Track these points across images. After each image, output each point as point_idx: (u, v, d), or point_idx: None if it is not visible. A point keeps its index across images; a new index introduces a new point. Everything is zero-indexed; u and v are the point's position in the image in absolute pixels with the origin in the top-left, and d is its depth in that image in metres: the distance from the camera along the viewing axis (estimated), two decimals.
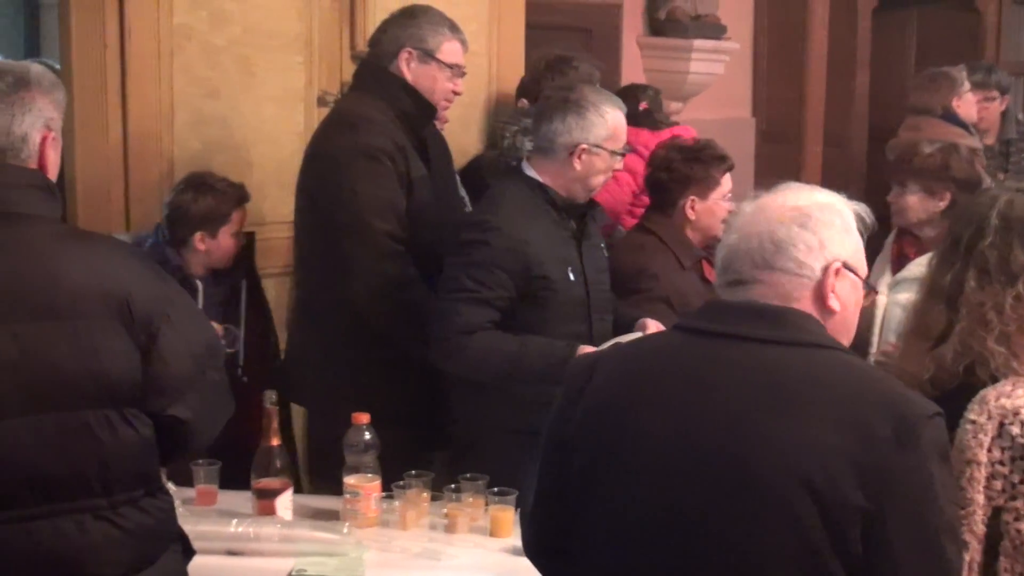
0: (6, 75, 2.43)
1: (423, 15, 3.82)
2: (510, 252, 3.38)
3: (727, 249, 2.10)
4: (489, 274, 3.37)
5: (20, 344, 2.31)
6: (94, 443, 2.36)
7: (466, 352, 3.38)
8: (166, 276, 2.57)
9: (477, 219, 3.47)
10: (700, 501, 1.93)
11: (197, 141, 4.03)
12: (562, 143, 3.48)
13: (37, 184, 2.43)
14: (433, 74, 3.79)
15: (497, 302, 3.38)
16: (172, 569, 2.54)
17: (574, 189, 3.53)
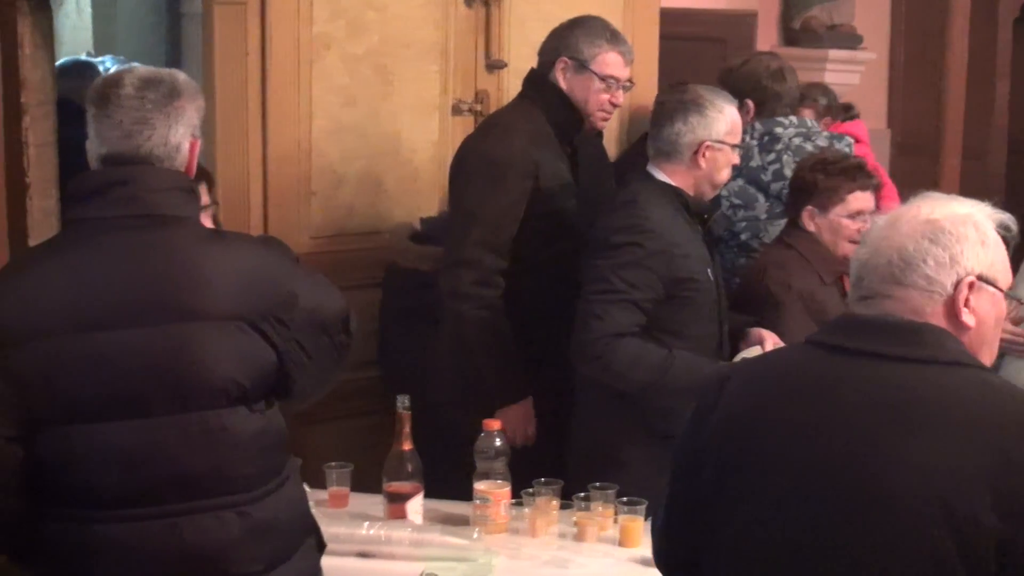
0: (160, 85, 2.48)
1: (582, 25, 3.85)
2: (662, 255, 3.40)
3: (859, 263, 2.08)
4: (640, 276, 3.38)
5: (167, 343, 2.37)
6: (233, 441, 2.41)
7: (610, 357, 3.37)
8: (307, 272, 2.61)
9: (629, 222, 3.46)
10: (832, 521, 1.91)
11: (334, 148, 4.09)
12: (686, 143, 3.50)
13: (181, 186, 2.49)
14: (587, 84, 3.82)
15: (645, 304, 3.39)
16: (307, 564, 2.58)
17: (702, 188, 3.57)
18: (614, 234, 3.46)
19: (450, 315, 3.79)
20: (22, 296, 2.39)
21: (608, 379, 3.44)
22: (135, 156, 2.44)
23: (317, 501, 3.18)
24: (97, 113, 2.47)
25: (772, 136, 4.35)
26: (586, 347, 3.41)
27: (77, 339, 2.35)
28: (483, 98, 4.41)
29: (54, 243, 2.52)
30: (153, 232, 2.43)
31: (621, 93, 3.88)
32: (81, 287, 2.38)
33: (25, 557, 2.50)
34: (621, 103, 3.93)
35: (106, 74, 2.57)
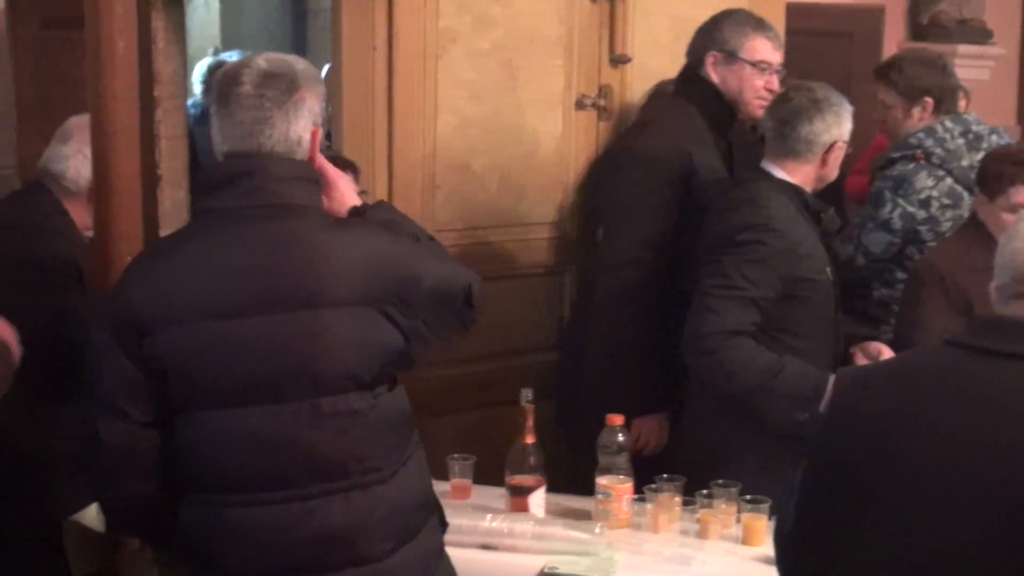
0: (279, 80, 2.49)
1: (726, 18, 3.88)
2: (785, 254, 3.38)
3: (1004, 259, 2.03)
4: (761, 273, 3.36)
5: (296, 329, 2.40)
6: (363, 424, 2.45)
7: (721, 355, 3.35)
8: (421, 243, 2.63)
9: (753, 220, 3.44)
10: (988, 533, 1.86)
11: (459, 143, 4.10)
12: (821, 143, 3.49)
13: (305, 176, 2.52)
14: (739, 73, 3.83)
15: (762, 302, 3.37)
16: (432, 543, 2.61)
17: (817, 186, 3.58)
18: (738, 231, 3.44)
19: (605, 315, 3.79)
20: (155, 284, 2.44)
21: (716, 377, 3.42)
22: (256, 154, 2.47)
23: (440, 492, 3.19)
24: (219, 111, 2.50)
25: (975, 134, 4.30)
26: (698, 341, 3.39)
27: (208, 326, 2.40)
28: (607, 93, 4.39)
29: (184, 233, 2.57)
30: (279, 221, 2.46)
31: (775, 78, 3.86)
32: (211, 276, 2.43)
33: (162, 541, 2.56)
34: (776, 88, 3.90)
35: (226, 68, 2.57)
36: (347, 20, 3.90)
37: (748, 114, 3.91)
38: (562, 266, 4.41)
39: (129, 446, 2.43)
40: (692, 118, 3.84)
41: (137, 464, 2.44)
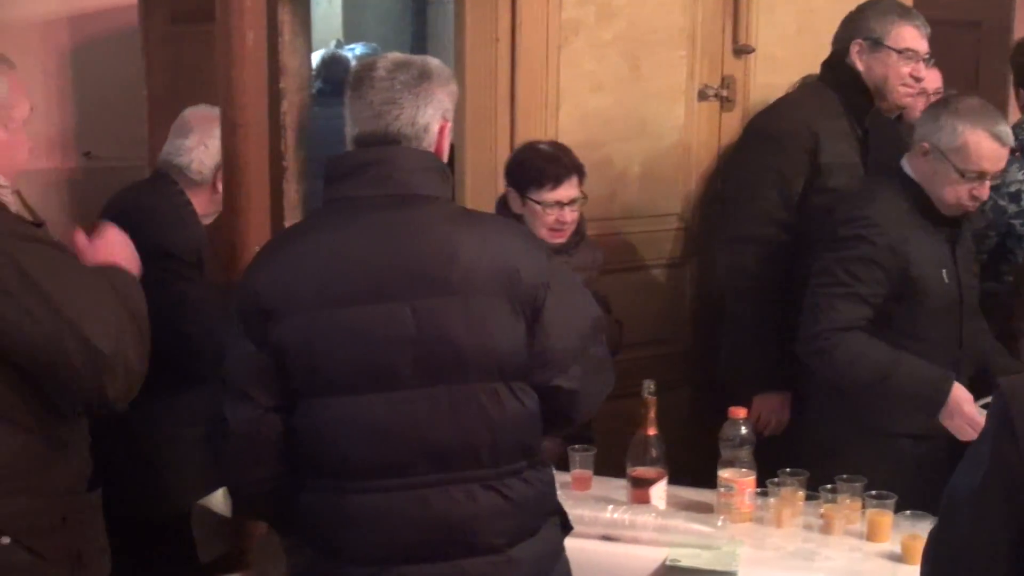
0: (411, 67, 2.54)
1: (871, 6, 3.85)
2: (889, 250, 3.34)
3: None
4: (865, 270, 3.33)
5: (417, 318, 2.42)
6: (483, 415, 2.45)
7: (835, 352, 3.33)
8: (550, 253, 2.63)
9: (856, 214, 3.41)
10: None
11: (580, 134, 4.09)
12: None
13: (433, 167, 2.54)
14: (885, 60, 3.80)
15: (872, 299, 3.34)
16: (551, 542, 2.60)
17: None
18: (841, 226, 3.41)
19: (727, 290, 3.80)
20: (282, 271, 2.47)
21: (829, 374, 3.40)
22: (384, 135, 2.50)
23: (561, 483, 3.19)
24: (352, 95, 2.55)
25: None
26: (810, 340, 3.38)
27: (333, 313, 2.42)
28: (730, 83, 4.37)
29: (310, 221, 2.59)
30: (406, 210, 2.48)
31: (923, 66, 3.82)
32: (337, 263, 2.45)
33: (287, 526, 2.59)
34: (924, 76, 3.85)
35: (362, 59, 2.62)
36: (470, 11, 3.92)
37: (893, 101, 3.85)
38: (684, 258, 4.40)
39: (255, 431, 2.47)
40: (828, 101, 3.83)
41: (263, 449, 2.48)
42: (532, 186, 3.59)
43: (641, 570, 2.95)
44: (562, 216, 3.60)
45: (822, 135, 3.77)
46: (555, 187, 3.57)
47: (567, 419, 2.62)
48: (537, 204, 3.57)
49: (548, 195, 3.57)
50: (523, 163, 3.65)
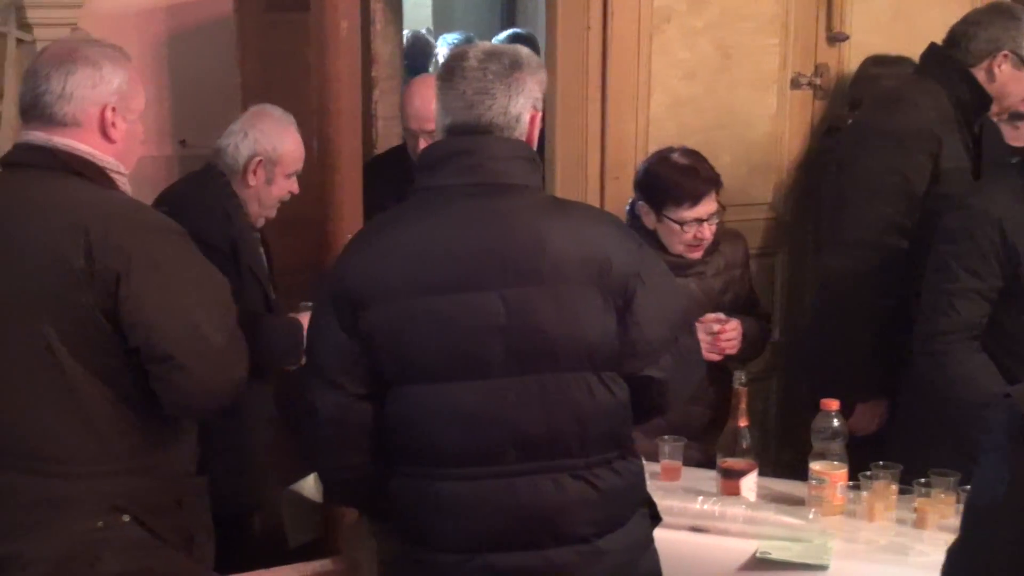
0: (503, 57, 2.54)
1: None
2: (1003, 247, 3.23)
3: None
4: (982, 264, 3.24)
5: (508, 307, 2.41)
6: (573, 405, 2.44)
7: (947, 360, 3.25)
8: (641, 243, 2.62)
9: (971, 206, 3.33)
10: None
11: (672, 122, 4.08)
12: None
13: (524, 155, 2.54)
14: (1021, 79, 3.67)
15: (990, 294, 3.25)
16: (640, 533, 2.60)
17: None
18: (955, 220, 3.34)
19: (835, 294, 3.73)
20: (372, 260, 2.49)
21: (937, 379, 3.32)
22: (477, 125, 2.50)
23: (649, 474, 3.18)
24: (443, 85, 2.55)
25: None
26: (925, 341, 3.31)
27: (422, 301, 2.43)
28: (823, 72, 4.33)
29: (402, 210, 2.60)
30: (496, 199, 2.48)
31: None
32: (426, 251, 2.46)
33: (377, 512, 2.61)
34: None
35: (453, 48, 2.63)
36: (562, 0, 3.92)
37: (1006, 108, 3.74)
38: (774, 247, 4.37)
39: (344, 419, 2.48)
40: (940, 100, 3.68)
41: (352, 437, 2.49)
42: (669, 203, 3.49)
43: (730, 562, 2.93)
44: (701, 232, 3.51)
45: (944, 138, 3.63)
46: (694, 205, 3.48)
47: (657, 409, 2.61)
48: (675, 223, 3.49)
49: (687, 213, 3.47)
50: (658, 178, 3.54)
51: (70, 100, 2.62)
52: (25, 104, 2.66)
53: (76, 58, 2.64)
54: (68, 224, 2.55)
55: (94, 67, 2.65)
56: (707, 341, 3.47)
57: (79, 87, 2.63)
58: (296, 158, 3.60)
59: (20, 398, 2.56)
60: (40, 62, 2.67)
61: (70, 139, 2.63)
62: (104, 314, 2.54)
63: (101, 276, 2.52)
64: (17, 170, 2.67)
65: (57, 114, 2.62)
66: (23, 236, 2.57)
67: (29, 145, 2.65)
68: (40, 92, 2.63)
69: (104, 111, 2.65)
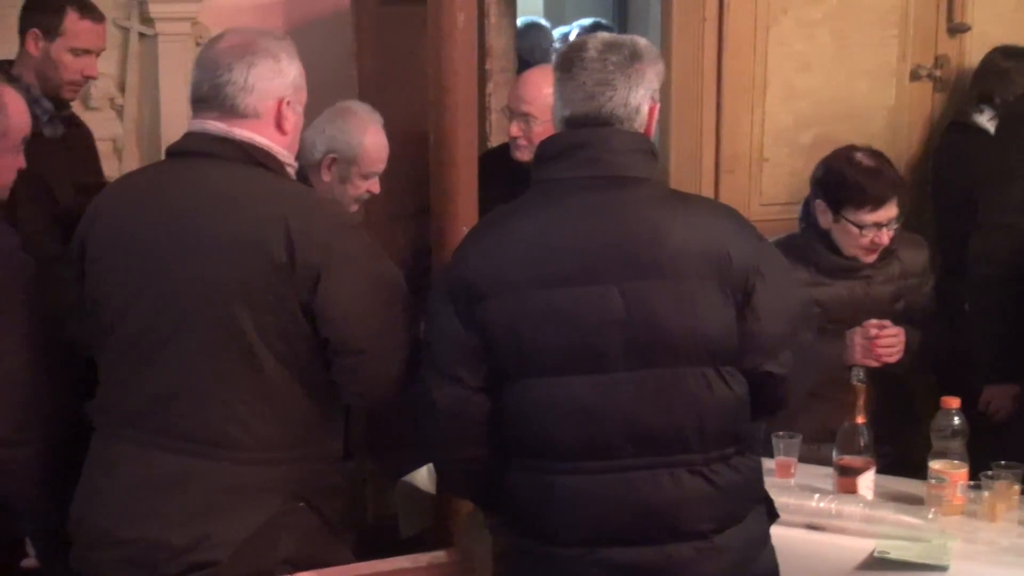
0: (622, 48, 2.53)
1: None
2: None
3: None
4: None
5: (626, 301, 2.40)
6: (692, 399, 2.43)
7: None
8: (761, 236, 2.59)
9: None
10: None
11: (787, 115, 4.05)
12: None
13: (643, 148, 2.53)
14: None
15: None
16: (758, 529, 2.57)
17: None
18: None
19: (972, 276, 3.69)
20: (490, 253, 2.49)
21: None
22: (597, 117, 2.49)
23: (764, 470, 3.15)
24: (562, 76, 2.54)
25: None
26: None
27: (540, 294, 2.43)
28: (943, 63, 4.26)
29: (520, 203, 2.60)
30: (615, 192, 2.47)
31: None
32: (545, 244, 2.45)
33: (490, 504, 2.62)
34: None
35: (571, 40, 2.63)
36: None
37: None
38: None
39: (461, 411, 2.49)
40: None
41: (469, 428, 2.50)
42: (849, 205, 3.42)
43: (847, 561, 2.89)
44: (879, 238, 3.44)
45: None
46: (875, 208, 3.41)
47: (776, 405, 2.58)
48: (854, 226, 3.43)
49: (867, 216, 3.41)
50: (841, 176, 3.48)
51: (252, 92, 2.64)
52: (202, 93, 2.66)
53: (257, 50, 2.66)
54: (267, 216, 2.56)
55: (274, 59, 2.67)
56: (862, 345, 3.41)
57: (260, 79, 2.65)
58: (374, 159, 3.58)
59: (211, 385, 2.59)
60: (218, 52, 2.66)
61: (248, 130, 2.65)
62: (301, 306, 2.56)
63: (303, 269, 2.54)
64: (196, 159, 2.67)
65: (239, 105, 2.64)
66: (217, 226, 2.57)
67: (209, 135, 2.65)
68: (222, 82, 2.63)
69: (280, 104, 2.68)
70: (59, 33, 3.60)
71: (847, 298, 3.50)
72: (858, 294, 3.50)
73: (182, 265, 2.57)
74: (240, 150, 2.64)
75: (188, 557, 2.55)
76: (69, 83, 3.66)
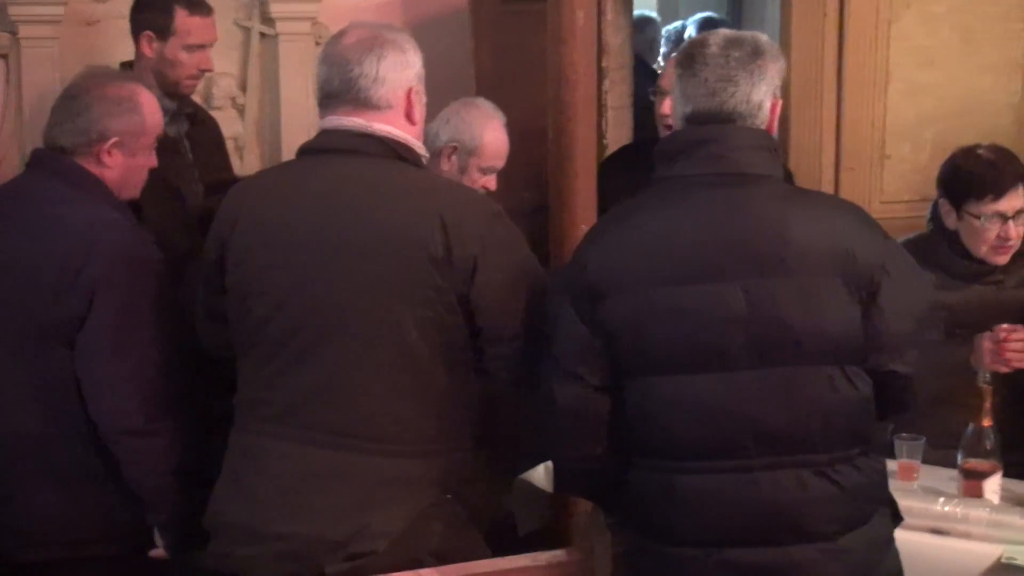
0: (744, 44, 2.52)
1: None
2: None
3: None
4: None
5: (749, 299, 2.39)
6: (816, 399, 2.40)
7: None
8: (886, 233, 2.55)
9: None
10: None
11: (910, 110, 3.99)
12: None
13: (766, 145, 2.51)
14: None
15: None
16: (882, 532, 2.54)
17: None
18: None
19: None
20: (612, 251, 2.49)
21: None
22: (719, 113, 2.48)
23: None
24: (683, 73, 2.53)
25: None
26: None
27: (663, 292, 2.42)
28: None
29: (640, 200, 2.59)
30: (737, 189, 2.46)
31: None
32: (667, 242, 2.45)
33: (610, 503, 2.61)
34: None
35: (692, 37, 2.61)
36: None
37: None
38: None
39: (582, 409, 2.49)
40: None
41: (589, 427, 2.50)
42: (970, 197, 3.36)
43: (973, 566, 2.85)
44: (1006, 231, 3.36)
45: None
46: (997, 198, 3.34)
47: (901, 405, 2.54)
48: (975, 218, 3.36)
49: (989, 207, 3.34)
50: (958, 171, 3.44)
51: (383, 83, 2.68)
52: (332, 89, 2.69)
53: (384, 42, 2.69)
54: (421, 211, 2.60)
55: (401, 51, 2.71)
56: (992, 350, 3.33)
57: (390, 70, 2.68)
58: (494, 153, 3.60)
59: (367, 380, 2.62)
60: (345, 47, 2.69)
61: (385, 123, 2.68)
62: (458, 297, 2.60)
63: (459, 261, 2.58)
64: (336, 156, 2.70)
65: (372, 98, 2.67)
66: (373, 223, 2.61)
67: (350, 131, 2.68)
68: (353, 76, 2.67)
69: (410, 93, 2.72)
70: (171, 32, 3.66)
71: (976, 303, 3.42)
72: (988, 299, 3.43)
73: (337, 262, 2.60)
74: (382, 145, 2.67)
75: (347, 549, 2.58)
76: (187, 78, 3.73)
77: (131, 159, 3.08)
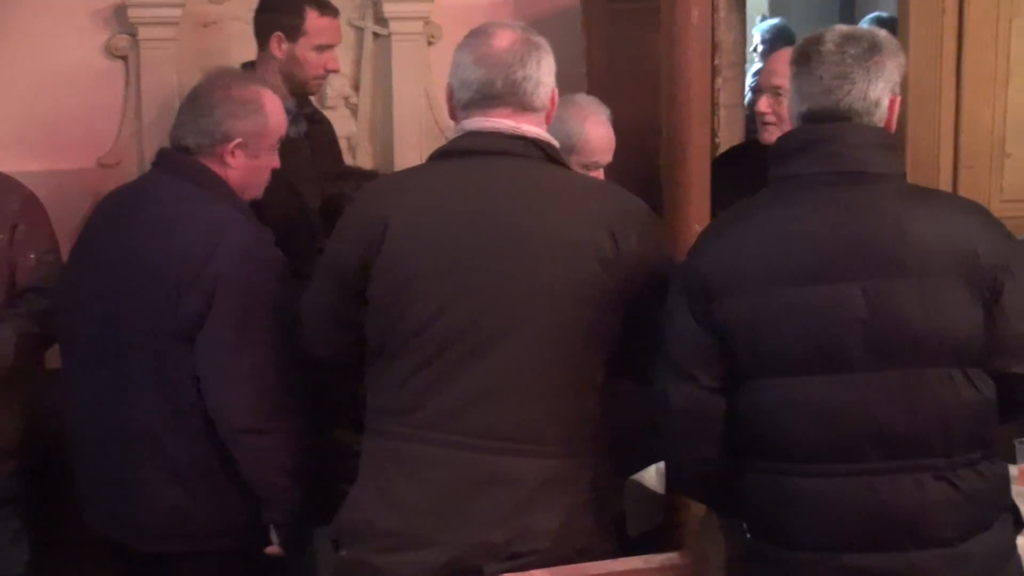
0: (861, 40, 2.50)
1: None
2: None
3: None
4: None
5: (868, 299, 2.36)
6: (937, 402, 2.37)
7: None
8: (1009, 233, 2.51)
9: None
10: None
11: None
12: None
13: (884, 143, 2.48)
14: None
15: None
16: (1004, 539, 2.50)
17: None
18: None
19: None
20: (728, 251, 2.47)
21: None
22: (835, 111, 2.46)
23: None
24: (798, 71, 2.51)
25: None
26: None
27: (780, 292, 2.40)
28: None
29: (757, 200, 2.57)
30: (855, 188, 2.43)
31: None
32: (783, 242, 2.43)
33: (723, 506, 2.60)
34: None
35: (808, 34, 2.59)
36: None
37: None
38: None
39: (697, 410, 2.48)
40: None
41: (704, 428, 2.48)
42: None
43: None
44: None
45: None
46: None
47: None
48: None
49: None
50: None
51: (543, 85, 2.71)
52: (495, 90, 2.68)
53: (539, 44, 2.72)
54: (589, 212, 2.64)
55: (549, 52, 2.75)
56: None
57: (547, 73, 2.72)
58: (594, 149, 3.55)
59: (531, 383, 2.62)
60: (502, 49, 2.68)
61: (532, 124, 2.71)
62: (621, 296, 2.64)
63: (627, 258, 2.62)
64: (487, 158, 2.69)
65: (536, 100, 2.70)
66: (543, 226, 2.62)
67: (501, 133, 2.68)
68: (518, 78, 2.68)
69: (554, 94, 2.75)
70: (302, 33, 3.72)
71: None
72: None
73: (505, 266, 2.61)
74: (535, 147, 2.69)
75: (509, 549, 2.59)
76: (314, 78, 3.79)
77: (254, 160, 3.12)
